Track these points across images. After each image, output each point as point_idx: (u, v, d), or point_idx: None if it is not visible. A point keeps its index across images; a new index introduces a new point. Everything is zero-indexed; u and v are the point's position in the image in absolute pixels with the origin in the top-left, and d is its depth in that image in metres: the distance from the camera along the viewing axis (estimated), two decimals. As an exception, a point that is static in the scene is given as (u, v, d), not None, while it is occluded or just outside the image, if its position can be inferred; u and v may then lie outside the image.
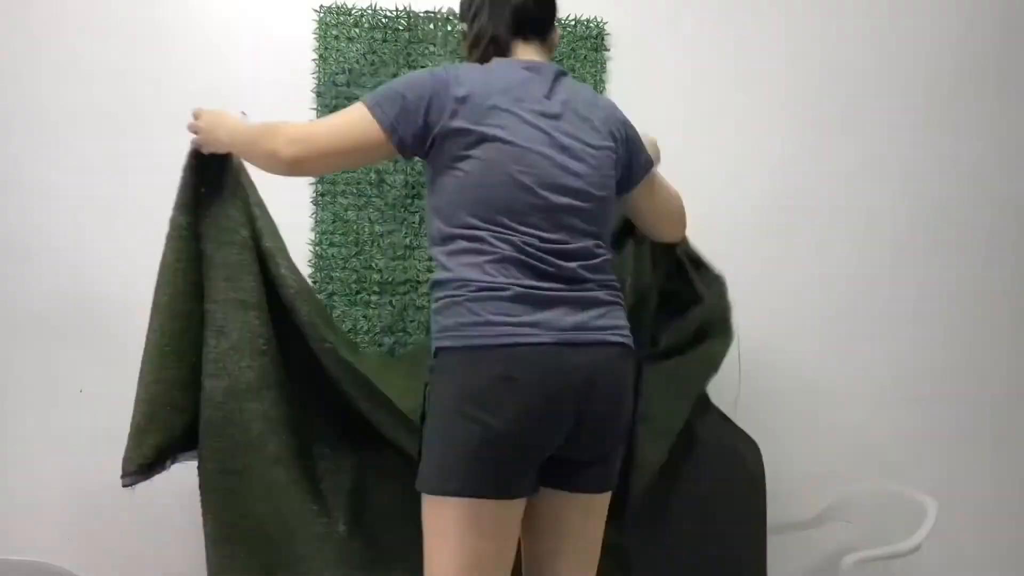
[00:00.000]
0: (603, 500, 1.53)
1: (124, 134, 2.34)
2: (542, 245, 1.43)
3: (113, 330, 2.32)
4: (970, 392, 2.59)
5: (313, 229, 2.38)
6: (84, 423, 2.29)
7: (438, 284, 1.46)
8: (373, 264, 2.38)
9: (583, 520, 1.51)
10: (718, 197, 2.52)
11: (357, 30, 2.40)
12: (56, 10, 2.32)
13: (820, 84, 2.56)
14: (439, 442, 1.38)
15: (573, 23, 2.46)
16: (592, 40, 2.47)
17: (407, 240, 2.40)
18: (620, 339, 1.47)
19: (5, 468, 2.28)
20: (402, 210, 2.40)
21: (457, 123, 1.44)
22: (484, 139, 1.44)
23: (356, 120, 1.48)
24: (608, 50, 2.49)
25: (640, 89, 2.50)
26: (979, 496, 2.58)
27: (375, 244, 2.39)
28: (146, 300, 2.32)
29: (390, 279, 2.39)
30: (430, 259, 2.38)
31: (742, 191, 2.52)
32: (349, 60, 2.39)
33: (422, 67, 2.40)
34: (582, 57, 2.46)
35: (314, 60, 2.39)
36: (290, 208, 2.38)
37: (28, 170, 2.31)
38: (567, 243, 1.46)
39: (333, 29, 2.39)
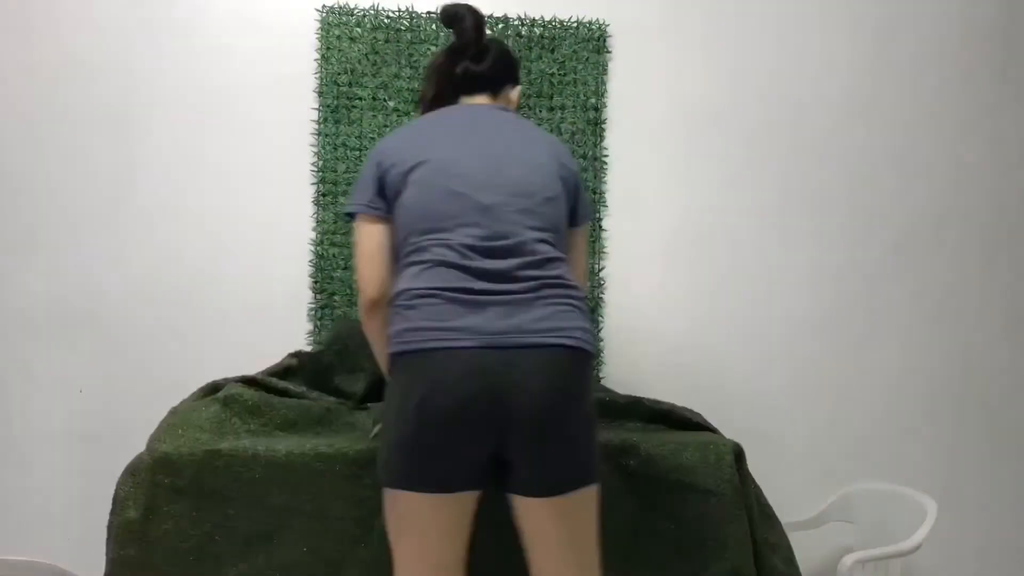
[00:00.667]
0: (571, 502, 1.47)
1: (125, 134, 2.34)
2: (479, 245, 1.47)
3: (113, 330, 2.32)
4: (970, 392, 2.60)
5: (314, 229, 2.38)
6: (84, 423, 2.29)
7: (391, 297, 1.53)
8: (374, 264, 2.38)
9: (557, 525, 1.47)
10: (718, 197, 2.53)
11: (359, 30, 2.40)
12: (56, 10, 2.32)
13: (820, 84, 2.57)
14: (384, 439, 1.46)
15: (575, 25, 2.47)
16: (594, 42, 2.48)
17: (408, 240, 2.40)
18: (559, 341, 1.43)
19: (5, 468, 2.28)
20: (403, 210, 2.40)
21: (394, 169, 1.54)
22: (416, 166, 1.52)
23: (360, 232, 1.58)
24: (609, 52, 2.50)
25: (640, 89, 2.51)
26: (979, 496, 2.59)
27: (376, 244, 2.38)
28: (145, 300, 2.33)
29: (391, 279, 2.39)
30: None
31: (742, 191, 2.53)
32: (351, 60, 2.39)
33: (424, 68, 2.41)
34: (584, 59, 2.47)
35: (316, 60, 2.39)
36: (292, 208, 2.38)
37: (28, 170, 2.31)
38: (506, 240, 1.48)
39: (335, 29, 2.39)
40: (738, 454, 1.76)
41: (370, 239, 1.56)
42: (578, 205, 1.66)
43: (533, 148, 1.58)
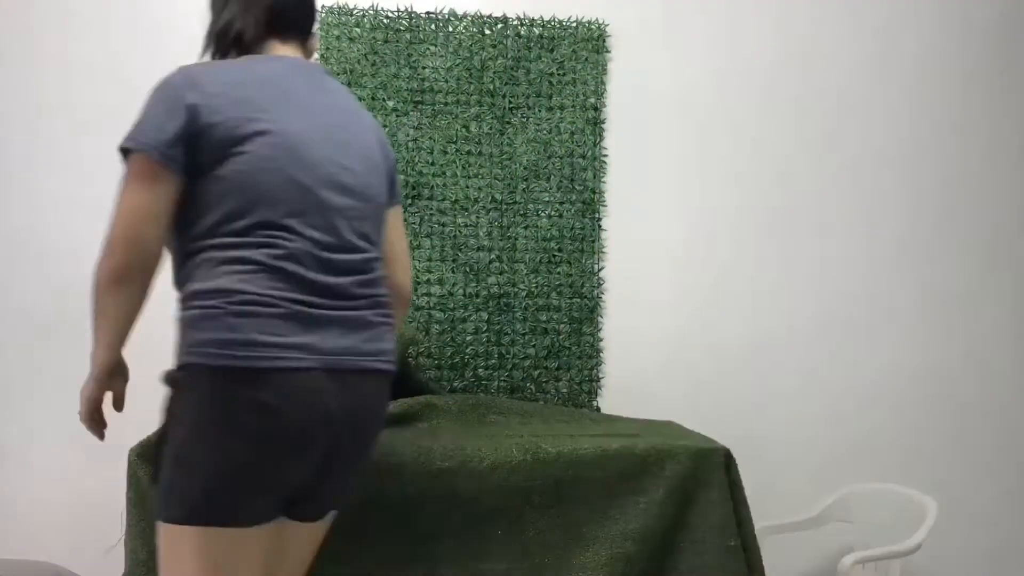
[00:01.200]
0: (324, 524, 1.42)
1: (124, 134, 2.33)
2: (319, 254, 1.28)
3: (113, 330, 2.32)
4: (970, 392, 2.60)
5: (314, 229, 2.38)
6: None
7: (192, 294, 1.30)
8: (374, 264, 2.38)
9: (311, 548, 1.42)
10: (718, 197, 2.53)
11: (358, 30, 2.40)
12: (56, 10, 2.32)
13: (820, 83, 2.57)
14: (178, 466, 1.23)
15: (574, 25, 2.47)
16: (593, 42, 2.47)
17: (407, 240, 2.40)
18: (383, 366, 1.35)
19: (5, 468, 2.28)
20: (402, 210, 2.40)
21: (220, 126, 1.25)
22: (254, 135, 1.26)
23: (140, 180, 1.29)
24: (609, 52, 2.50)
25: (640, 89, 2.51)
26: (979, 496, 2.58)
27: (376, 244, 2.39)
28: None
29: (391, 279, 2.39)
30: (430, 259, 2.39)
31: (742, 191, 2.53)
32: (350, 60, 2.39)
33: (423, 68, 2.41)
34: (583, 59, 2.47)
35: (315, 60, 2.39)
36: (291, 208, 2.38)
37: (28, 170, 2.31)
38: (344, 252, 1.32)
39: (334, 29, 2.39)
40: (728, 460, 1.77)
41: (151, 194, 1.26)
42: (394, 185, 1.52)
43: (367, 137, 1.41)
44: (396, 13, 2.42)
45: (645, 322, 2.51)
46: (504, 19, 2.45)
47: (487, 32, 2.44)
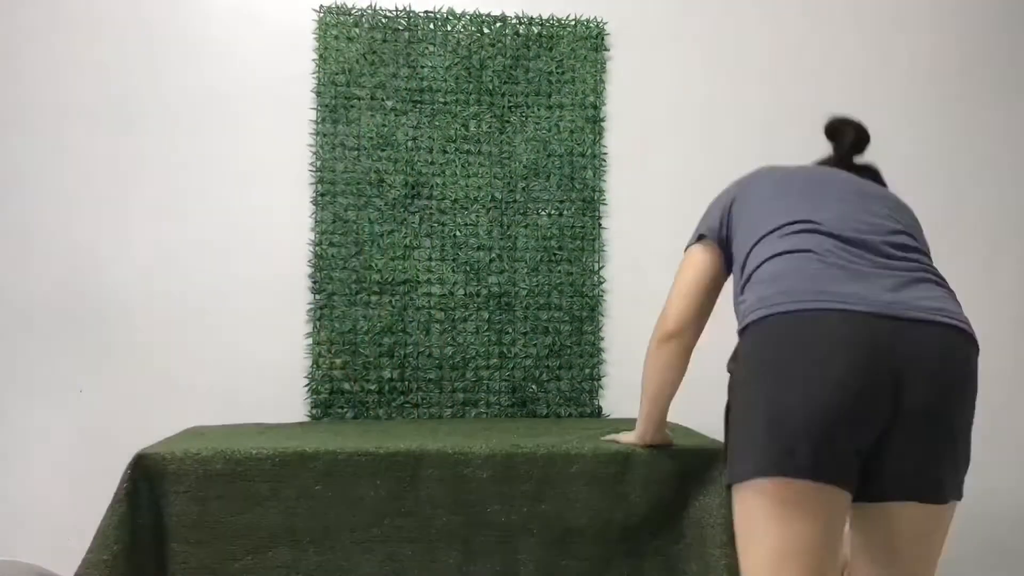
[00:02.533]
0: (946, 512, 1.29)
1: (124, 134, 2.35)
2: (846, 234, 1.31)
3: (113, 330, 2.33)
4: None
5: (313, 229, 2.38)
6: (84, 423, 2.30)
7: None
8: (373, 264, 2.38)
9: (922, 537, 1.31)
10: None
11: (357, 30, 2.40)
12: (56, 10, 2.33)
13: (820, 83, 2.56)
14: (743, 428, 1.26)
15: (573, 23, 2.46)
16: (592, 40, 2.47)
17: (407, 240, 2.40)
18: (953, 322, 1.22)
19: (4, 468, 2.29)
20: (402, 210, 2.40)
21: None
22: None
23: (696, 260, 1.55)
24: (608, 50, 2.49)
25: (640, 89, 2.50)
26: (979, 496, 2.56)
27: (375, 244, 2.39)
28: (145, 300, 2.34)
29: (390, 279, 2.39)
30: (430, 259, 2.39)
31: (743, 191, 2.52)
32: (349, 60, 2.39)
33: (422, 67, 2.41)
34: (582, 57, 2.46)
35: (314, 60, 2.39)
36: (290, 208, 2.38)
37: (27, 170, 2.32)
38: (875, 234, 1.32)
39: (333, 29, 2.39)
40: None
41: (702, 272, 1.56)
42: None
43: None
44: (394, 12, 2.41)
45: (646, 321, 2.49)
46: (503, 18, 2.45)
47: (486, 31, 2.44)
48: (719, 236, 1.52)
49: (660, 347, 1.61)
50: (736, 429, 1.29)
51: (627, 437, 1.76)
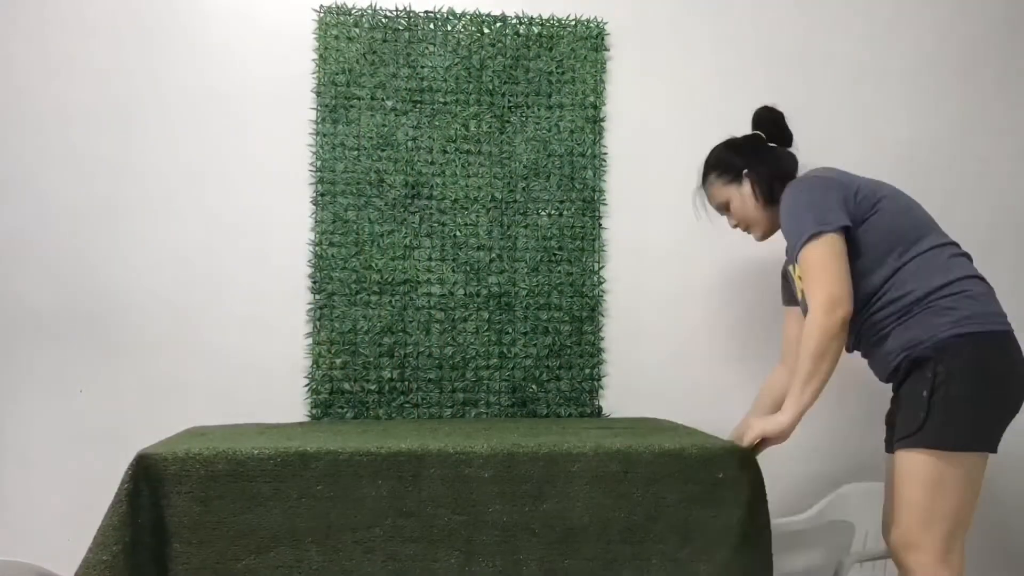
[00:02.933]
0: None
1: (124, 134, 2.35)
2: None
3: (113, 331, 2.32)
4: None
5: (313, 229, 2.38)
6: (84, 423, 2.30)
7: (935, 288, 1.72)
8: (373, 264, 2.38)
9: None
10: (718, 197, 2.52)
11: (357, 30, 2.40)
12: (56, 10, 2.32)
13: (820, 83, 2.56)
14: (976, 408, 1.67)
15: (573, 23, 2.46)
16: (592, 40, 2.47)
17: (407, 240, 2.40)
18: None
19: (4, 468, 2.29)
20: (402, 210, 2.40)
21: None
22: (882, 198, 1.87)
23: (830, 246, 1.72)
24: (608, 50, 2.49)
25: (640, 89, 2.50)
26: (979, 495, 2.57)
27: (375, 244, 2.39)
28: (145, 300, 2.33)
29: (390, 279, 2.39)
30: (430, 259, 2.39)
31: (742, 191, 2.52)
32: (349, 60, 2.39)
33: (422, 67, 2.41)
34: (582, 57, 2.46)
35: (314, 60, 2.39)
36: (290, 208, 2.38)
37: (27, 170, 2.31)
38: None
39: (333, 29, 2.39)
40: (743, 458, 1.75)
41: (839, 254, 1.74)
42: None
43: None
44: (395, 12, 2.41)
45: (646, 321, 2.51)
46: (503, 18, 2.45)
47: (486, 31, 2.44)
48: (852, 221, 1.77)
49: (842, 326, 1.71)
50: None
51: (773, 423, 1.74)
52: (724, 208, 2.04)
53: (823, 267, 1.70)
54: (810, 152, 2.55)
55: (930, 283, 1.70)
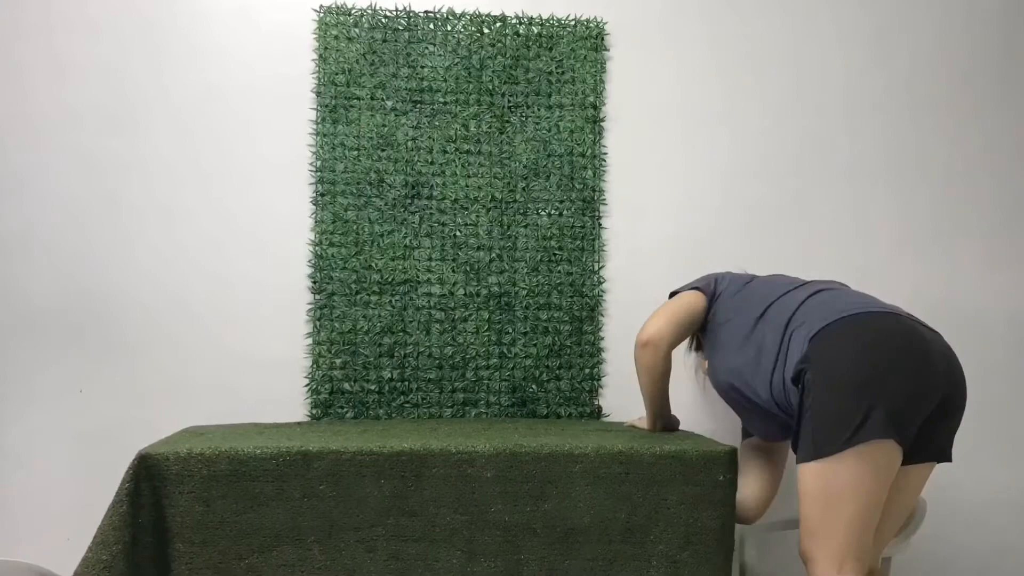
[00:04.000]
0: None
1: (124, 134, 2.34)
2: None
3: (113, 330, 2.32)
4: (969, 392, 2.58)
5: (313, 229, 2.38)
6: (84, 423, 2.29)
7: None
8: (373, 264, 2.38)
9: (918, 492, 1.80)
10: (718, 195, 2.52)
11: (357, 30, 2.40)
12: (56, 10, 2.32)
13: (820, 83, 2.56)
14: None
15: (573, 23, 2.46)
16: (592, 40, 2.47)
17: (407, 240, 2.40)
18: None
19: (4, 468, 2.28)
20: (402, 210, 2.40)
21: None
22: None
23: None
24: (608, 50, 2.49)
25: (639, 87, 2.50)
26: (978, 497, 2.57)
27: (375, 244, 2.39)
28: (145, 300, 2.33)
29: (390, 279, 2.39)
30: (430, 259, 2.39)
31: (740, 191, 2.52)
32: (349, 60, 2.39)
33: (422, 67, 2.41)
34: (582, 57, 2.46)
35: (314, 60, 2.39)
36: (290, 208, 2.38)
37: (26, 169, 2.31)
38: None
39: (333, 29, 2.39)
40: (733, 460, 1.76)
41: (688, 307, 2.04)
42: None
43: None
44: (394, 12, 2.41)
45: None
46: (503, 18, 2.45)
47: (486, 31, 2.44)
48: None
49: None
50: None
51: (641, 423, 2.11)
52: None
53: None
54: (810, 153, 2.57)
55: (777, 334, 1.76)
